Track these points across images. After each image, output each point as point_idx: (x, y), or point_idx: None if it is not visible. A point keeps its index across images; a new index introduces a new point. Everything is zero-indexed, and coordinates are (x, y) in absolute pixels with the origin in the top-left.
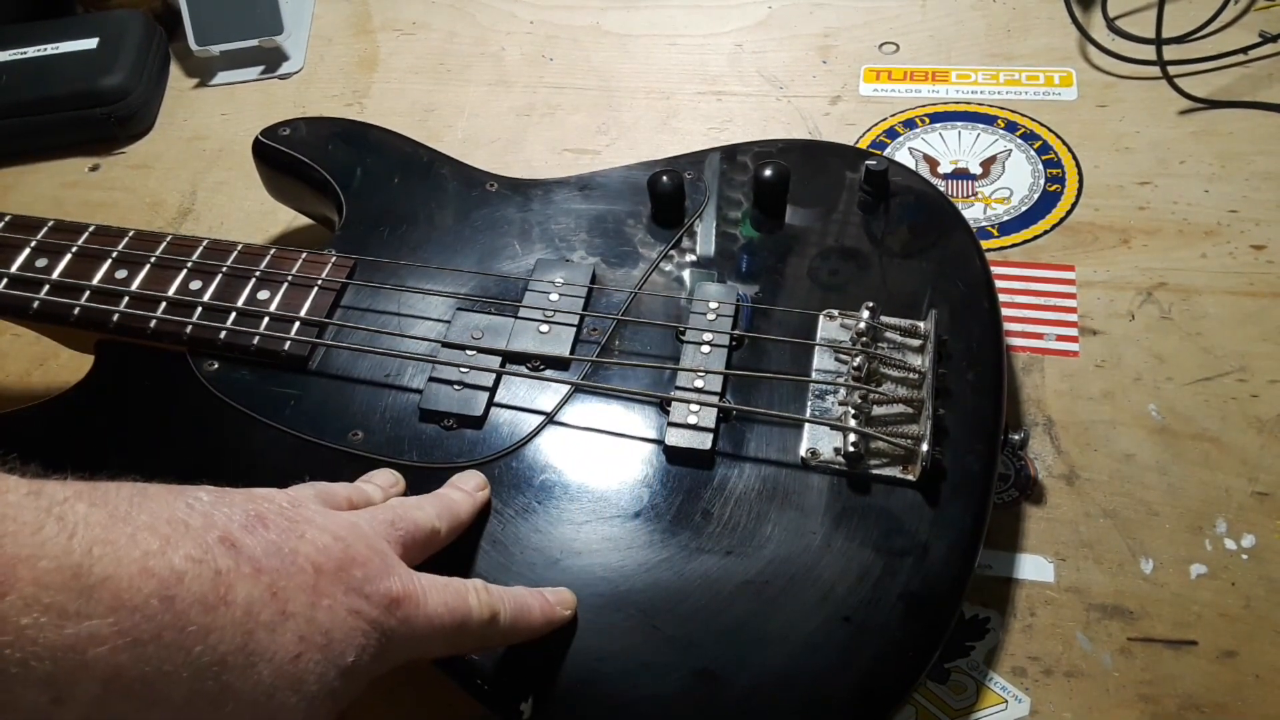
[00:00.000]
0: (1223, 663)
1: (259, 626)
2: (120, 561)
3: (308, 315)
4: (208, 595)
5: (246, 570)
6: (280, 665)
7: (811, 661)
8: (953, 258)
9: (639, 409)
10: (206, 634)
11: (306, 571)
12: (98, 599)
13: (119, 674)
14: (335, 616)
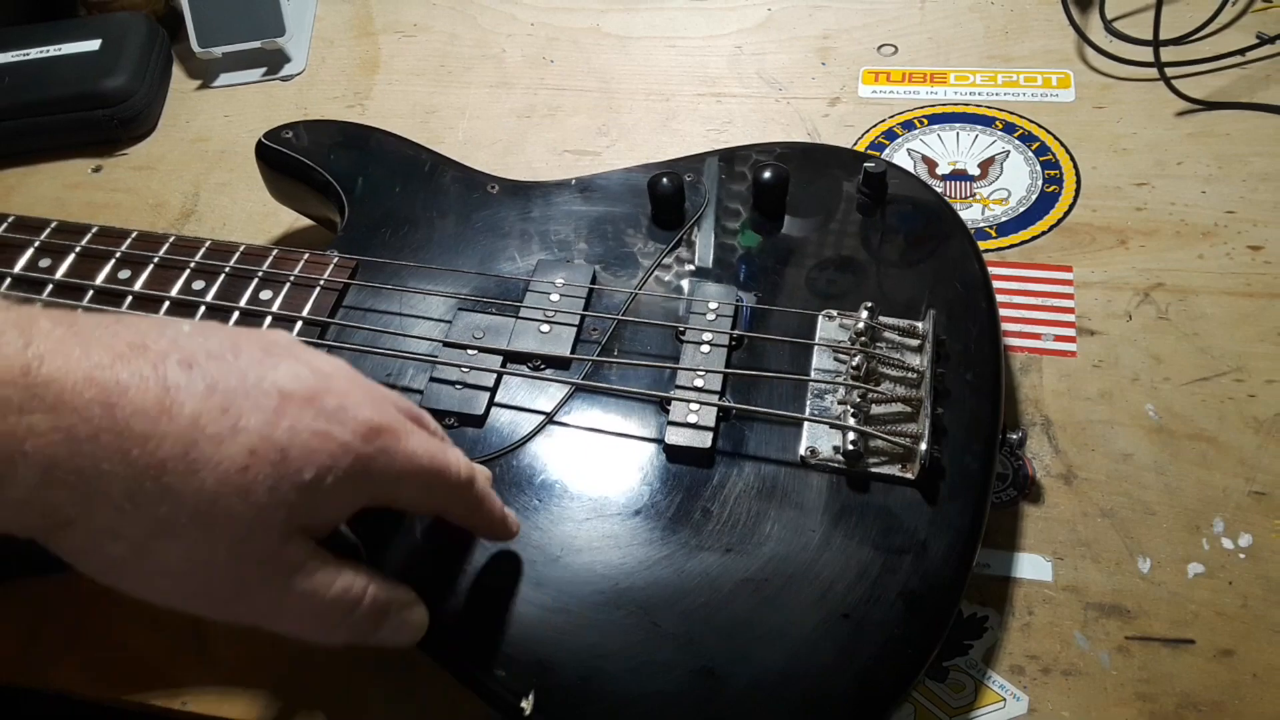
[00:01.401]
0: (1220, 662)
1: (204, 438)
2: (68, 370)
3: (310, 315)
4: (150, 407)
5: (199, 388)
6: (225, 474)
7: (811, 659)
8: (951, 258)
9: (639, 408)
10: (146, 440)
11: (270, 395)
12: (40, 397)
13: (56, 465)
14: (295, 436)
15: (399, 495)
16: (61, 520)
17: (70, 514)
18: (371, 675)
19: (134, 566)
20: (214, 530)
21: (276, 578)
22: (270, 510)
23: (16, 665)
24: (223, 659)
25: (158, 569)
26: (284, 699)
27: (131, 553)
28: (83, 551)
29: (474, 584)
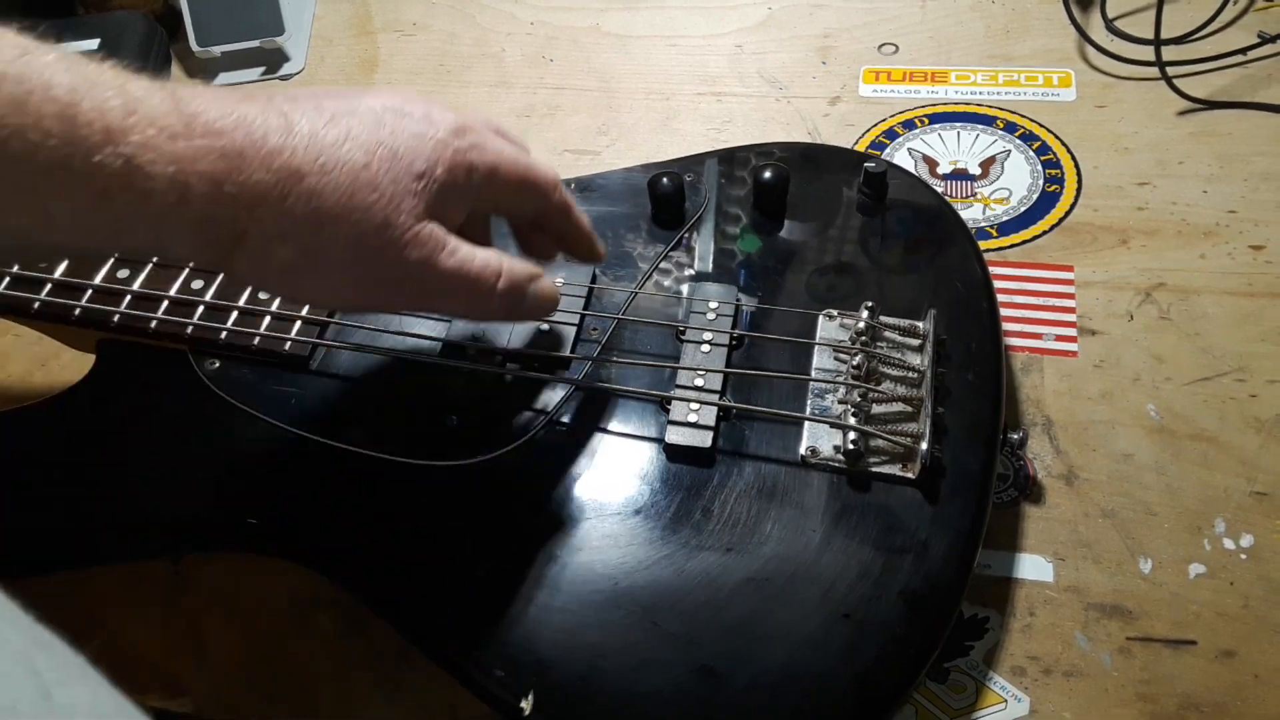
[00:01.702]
0: (1221, 662)
1: (326, 146)
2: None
3: (309, 314)
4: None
5: (308, 108)
6: (353, 171)
7: (811, 659)
8: (951, 258)
9: (639, 408)
10: (281, 152)
11: (368, 110)
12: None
13: (221, 180)
14: (398, 138)
15: (498, 194)
16: (236, 233)
17: (242, 225)
18: (371, 675)
19: (304, 266)
20: (359, 219)
21: (425, 255)
22: (398, 197)
23: None
24: (220, 660)
25: (323, 264)
26: (283, 699)
27: (299, 253)
28: (258, 263)
29: (474, 584)
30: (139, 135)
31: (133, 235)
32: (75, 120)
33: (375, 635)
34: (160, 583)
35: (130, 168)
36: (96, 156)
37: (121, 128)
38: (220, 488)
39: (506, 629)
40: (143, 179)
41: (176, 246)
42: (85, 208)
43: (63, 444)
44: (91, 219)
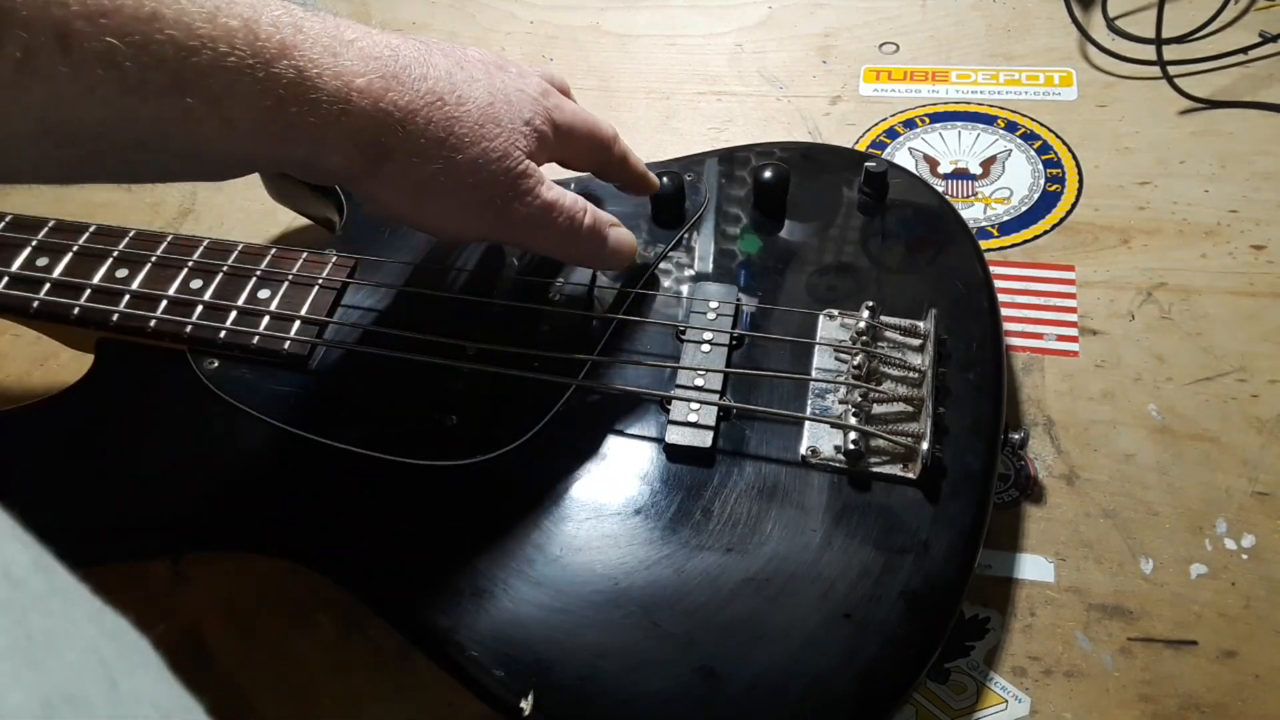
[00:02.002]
0: (1223, 663)
1: (457, 83)
2: (358, 33)
3: (308, 314)
4: (419, 56)
5: (438, 50)
6: (480, 106)
7: (812, 658)
8: (952, 258)
9: (639, 407)
10: (424, 79)
11: (476, 61)
12: (351, 52)
13: (377, 99)
14: (507, 88)
15: (572, 147)
16: (386, 147)
17: (392, 140)
18: (371, 675)
19: (436, 186)
20: (485, 146)
21: (531, 186)
22: (514, 135)
23: None
24: (220, 660)
25: (452, 185)
26: (283, 699)
27: (434, 173)
28: (398, 177)
29: (474, 584)
30: (308, 49)
31: (298, 144)
32: (256, 34)
33: (375, 635)
34: (160, 583)
35: (302, 78)
36: (274, 67)
37: (293, 43)
38: (220, 487)
39: (506, 629)
40: (312, 89)
41: (332, 155)
42: (261, 115)
43: (61, 443)
44: (266, 126)
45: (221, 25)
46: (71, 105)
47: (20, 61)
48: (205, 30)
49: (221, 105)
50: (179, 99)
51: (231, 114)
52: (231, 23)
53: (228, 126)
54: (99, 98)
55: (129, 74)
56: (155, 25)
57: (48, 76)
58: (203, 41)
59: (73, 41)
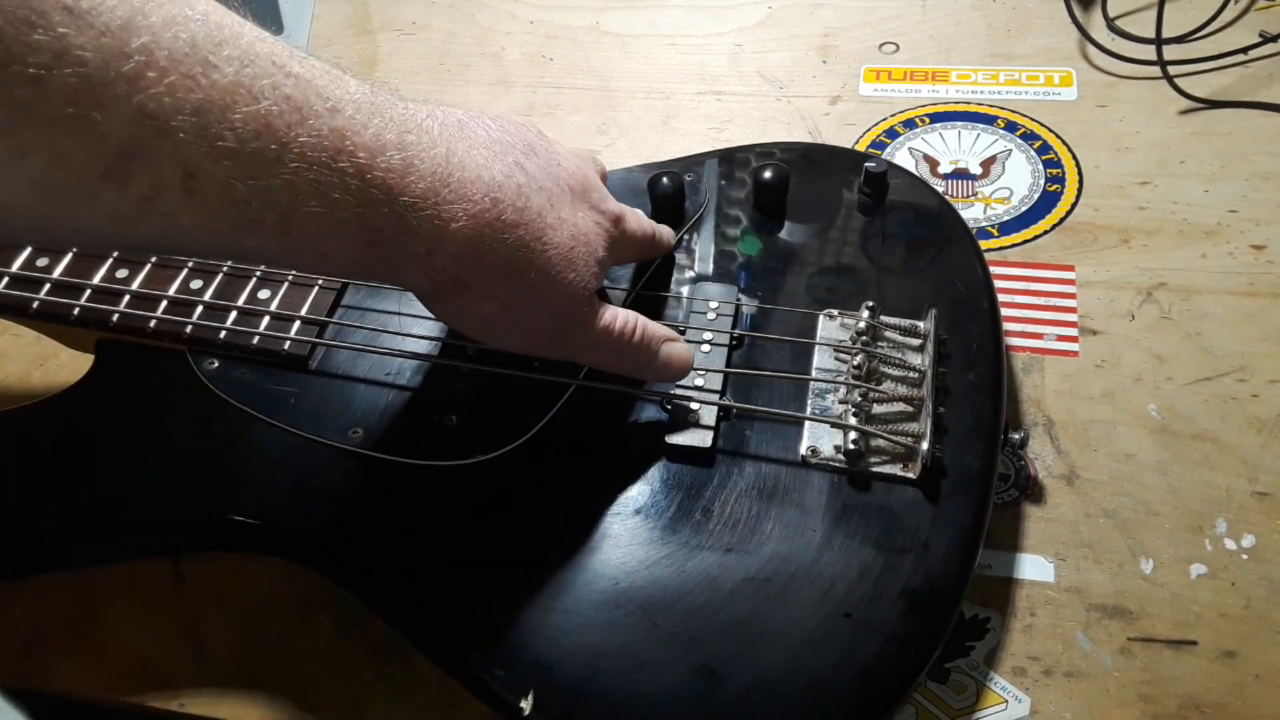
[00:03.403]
0: (1223, 663)
1: (546, 225)
2: (465, 168)
3: (308, 314)
4: (515, 200)
5: (534, 186)
6: (559, 250)
7: (812, 658)
8: (952, 258)
9: (639, 407)
10: (516, 226)
11: (566, 191)
12: (454, 191)
13: (465, 244)
14: (587, 223)
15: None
16: (460, 284)
17: (467, 280)
18: (371, 675)
19: (500, 320)
20: (560, 292)
21: (590, 319)
22: (588, 278)
23: (17, 665)
24: (221, 660)
25: (520, 323)
26: (283, 700)
27: (500, 309)
28: (465, 309)
29: (473, 584)
30: (413, 192)
31: (382, 273)
32: (368, 181)
33: (375, 635)
34: (160, 583)
35: (402, 224)
36: (379, 212)
37: (400, 187)
38: (220, 487)
39: (506, 629)
40: (410, 233)
41: (406, 282)
42: (354, 251)
43: (61, 443)
44: (358, 259)
45: (337, 170)
46: (181, 236)
47: (144, 198)
48: (321, 175)
49: (320, 242)
50: (284, 236)
51: (327, 250)
52: (347, 168)
53: (321, 258)
54: (210, 231)
55: (244, 213)
56: (276, 169)
57: (168, 213)
58: (316, 187)
59: (198, 181)
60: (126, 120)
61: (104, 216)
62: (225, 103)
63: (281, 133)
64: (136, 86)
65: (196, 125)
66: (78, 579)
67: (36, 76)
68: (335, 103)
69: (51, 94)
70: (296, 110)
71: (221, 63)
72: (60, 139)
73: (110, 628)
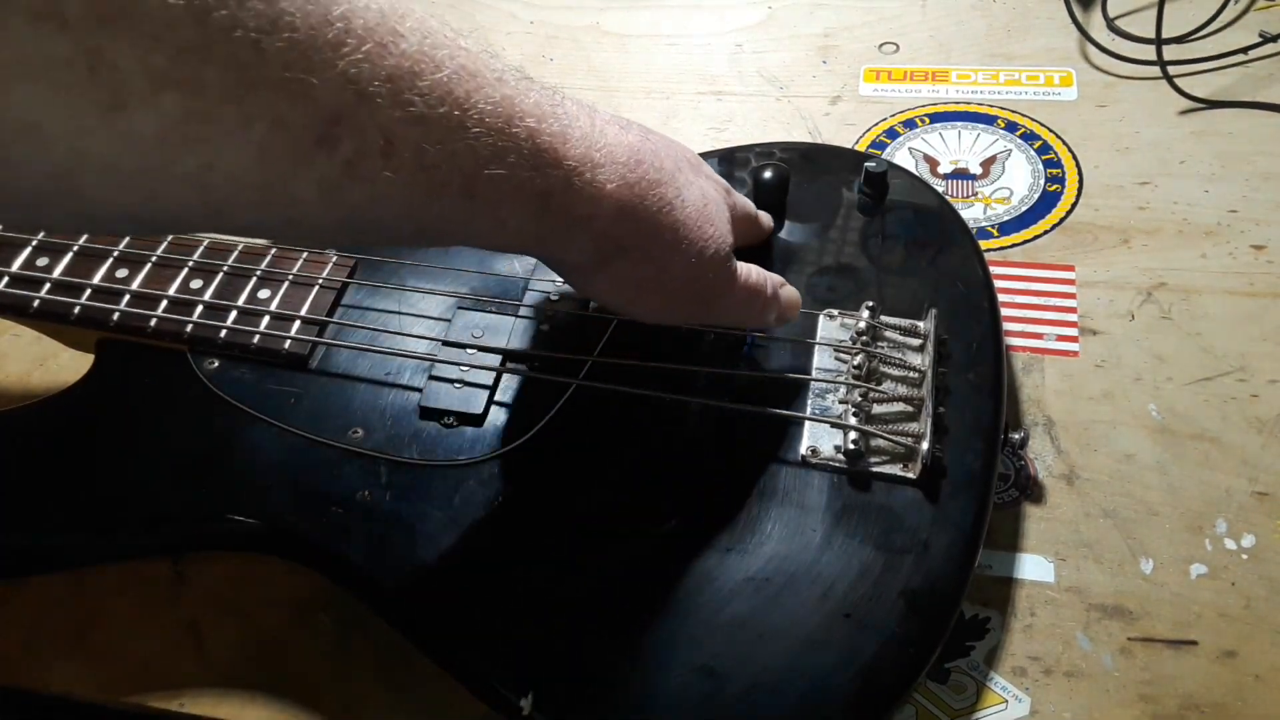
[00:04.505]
0: (1223, 662)
1: (680, 185)
2: (606, 135)
3: (308, 314)
4: (653, 160)
5: (664, 152)
6: (698, 208)
7: (812, 658)
8: (952, 258)
9: (639, 407)
10: (658, 184)
11: (685, 160)
12: (604, 155)
13: (621, 206)
14: (708, 187)
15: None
16: (619, 248)
17: (626, 242)
18: (371, 675)
19: (653, 283)
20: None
21: (733, 274)
22: (723, 234)
23: (16, 665)
24: (221, 660)
25: (669, 283)
26: (283, 700)
27: (654, 272)
28: (620, 277)
29: (473, 583)
30: (574, 157)
31: (549, 242)
32: (538, 145)
33: (375, 635)
34: (160, 583)
35: (568, 186)
36: (550, 175)
37: (563, 152)
38: (220, 487)
39: (506, 629)
40: (575, 195)
41: (573, 253)
42: (530, 218)
43: (61, 443)
44: (530, 227)
45: (511, 135)
46: (380, 204)
47: (350, 163)
48: (498, 140)
49: (499, 208)
50: (467, 201)
51: (505, 216)
52: (519, 133)
53: (499, 226)
54: (404, 199)
55: (434, 178)
56: (459, 134)
57: (370, 179)
58: (495, 151)
59: (394, 146)
60: (334, 86)
61: (315, 184)
62: (414, 70)
63: (461, 99)
64: (339, 53)
65: (391, 91)
66: (78, 579)
67: (256, 40)
68: (500, 73)
69: (270, 58)
70: (472, 78)
71: (406, 32)
72: (280, 103)
73: (110, 628)
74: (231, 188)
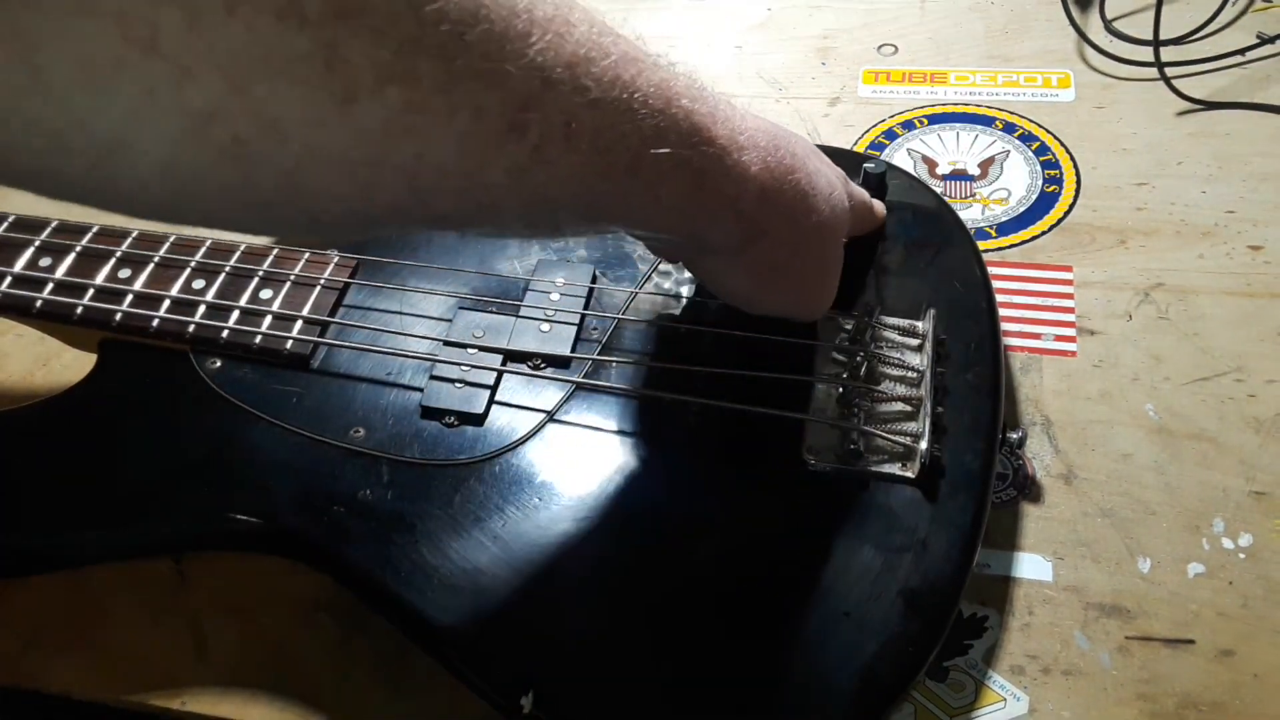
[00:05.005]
0: (1220, 661)
1: (811, 171)
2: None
3: (310, 314)
4: (789, 147)
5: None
6: (826, 195)
7: (810, 657)
8: (951, 258)
9: (639, 407)
10: (793, 170)
11: (811, 148)
12: (747, 139)
13: (763, 188)
14: (832, 175)
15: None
16: (759, 232)
17: (766, 226)
18: (371, 675)
19: (785, 268)
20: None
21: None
22: (843, 225)
23: (16, 665)
24: (221, 659)
25: (799, 269)
26: (283, 699)
27: (789, 255)
28: (759, 258)
29: (473, 583)
30: (722, 136)
31: (699, 221)
32: (694, 124)
33: (375, 635)
34: (161, 583)
35: (720, 165)
36: (703, 153)
37: (714, 133)
38: (221, 487)
39: (506, 628)
40: (725, 174)
41: (718, 233)
42: (684, 196)
43: (63, 443)
44: (683, 205)
45: (670, 116)
46: (558, 185)
47: (536, 148)
48: (660, 121)
49: (658, 186)
50: (631, 179)
51: (662, 193)
52: (678, 113)
53: (656, 204)
54: (580, 179)
55: (606, 158)
56: (629, 115)
57: (551, 162)
58: (657, 130)
59: (574, 130)
60: (524, 73)
61: (505, 168)
62: (588, 56)
63: (628, 83)
64: (528, 42)
65: (570, 77)
66: (79, 578)
67: (460, 33)
68: (655, 58)
69: (471, 49)
70: (634, 63)
71: (577, 21)
72: (480, 92)
73: (111, 627)
74: (436, 176)
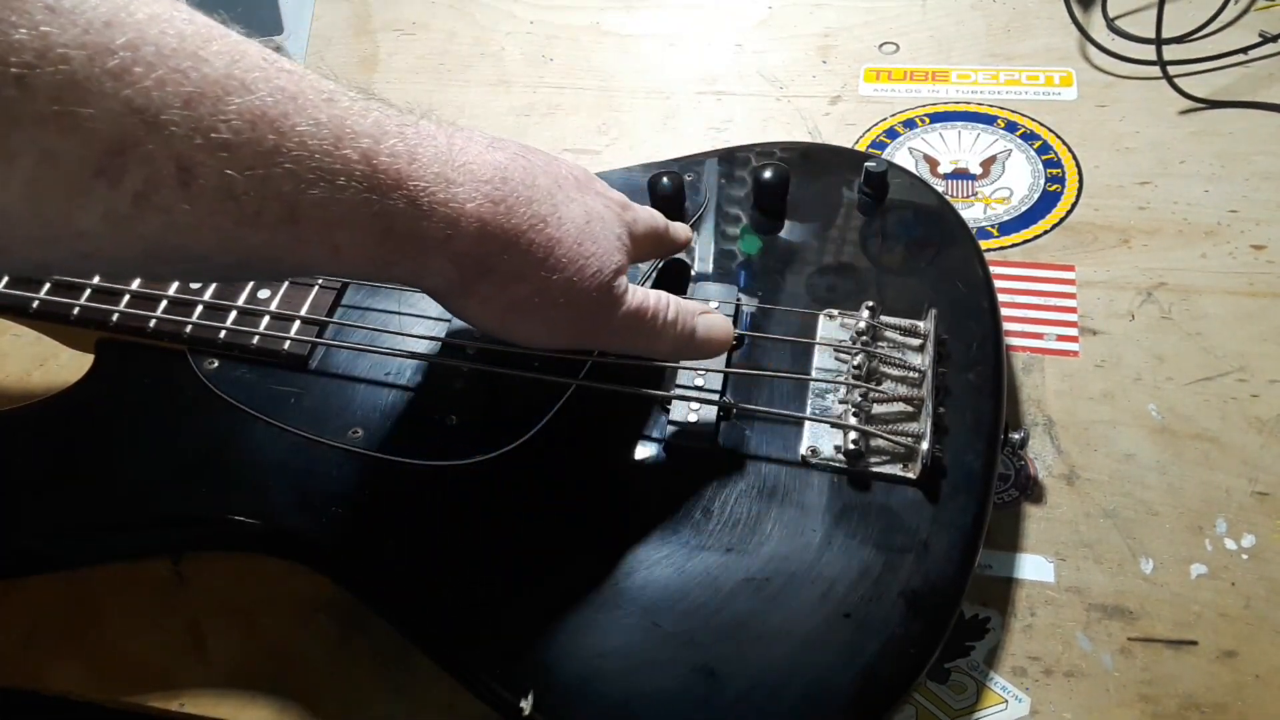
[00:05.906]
0: (1223, 662)
1: (558, 203)
2: (468, 153)
3: (308, 314)
4: (524, 178)
5: (539, 170)
6: (578, 225)
7: (812, 658)
8: (952, 258)
9: (639, 407)
10: (530, 201)
11: (569, 178)
12: (462, 172)
13: (485, 222)
14: (596, 204)
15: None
16: (485, 269)
17: (492, 263)
18: (371, 675)
19: (529, 306)
20: (581, 266)
21: (619, 299)
22: (609, 253)
23: (16, 665)
24: (220, 660)
25: (545, 305)
26: (283, 700)
27: (529, 293)
28: (493, 297)
29: (474, 584)
30: (422, 177)
31: (400, 267)
32: (375, 166)
33: (375, 635)
34: (160, 583)
35: (414, 208)
36: (389, 199)
37: (408, 173)
38: (219, 487)
39: (506, 629)
40: (423, 218)
41: (431, 277)
42: (370, 243)
43: (61, 443)
44: (372, 252)
45: (340, 157)
46: (184, 234)
47: (140, 195)
48: (324, 163)
49: (332, 234)
50: (291, 228)
51: (340, 241)
52: (351, 154)
53: (335, 253)
54: (212, 228)
55: (245, 206)
56: (276, 159)
57: (165, 209)
58: (320, 174)
59: (193, 175)
60: (115, 115)
61: (99, 216)
62: (217, 95)
63: (278, 121)
64: (123, 81)
65: (188, 118)
66: (77, 578)
67: (20, 76)
68: (330, 94)
69: (36, 92)
70: (292, 100)
71: (211, 57)
72: (48, 137)
73: (110, 627)
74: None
